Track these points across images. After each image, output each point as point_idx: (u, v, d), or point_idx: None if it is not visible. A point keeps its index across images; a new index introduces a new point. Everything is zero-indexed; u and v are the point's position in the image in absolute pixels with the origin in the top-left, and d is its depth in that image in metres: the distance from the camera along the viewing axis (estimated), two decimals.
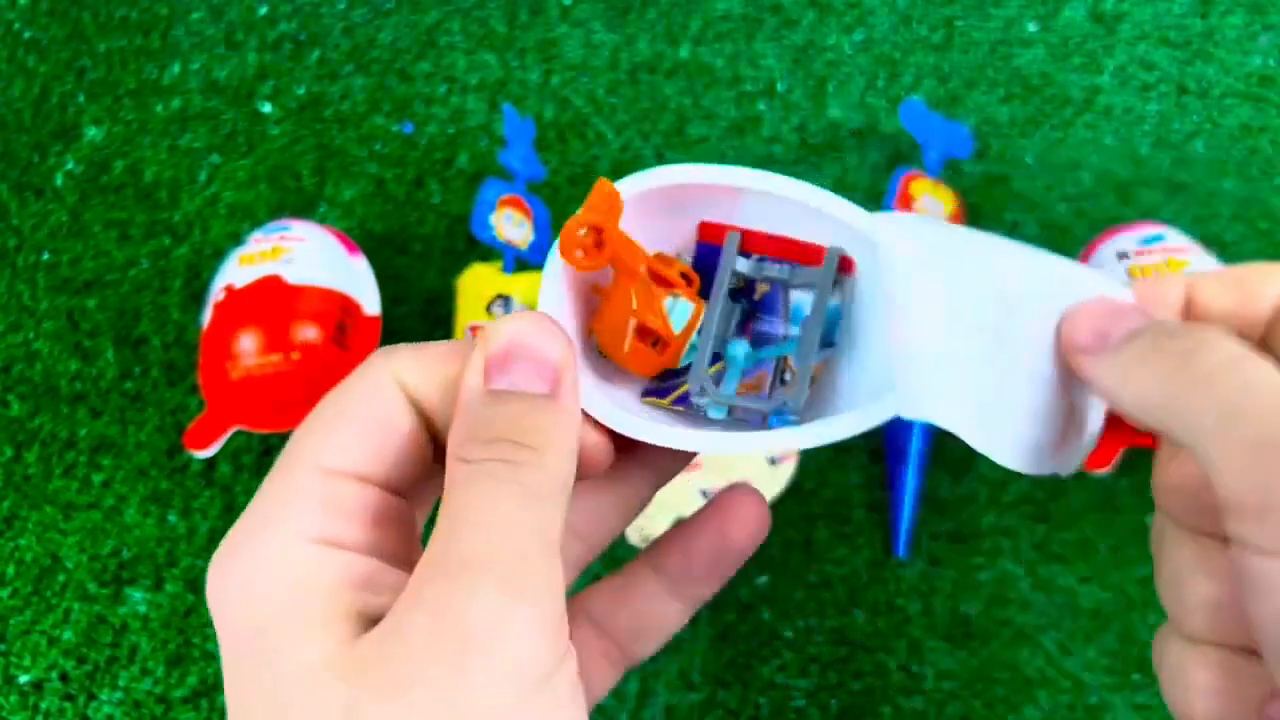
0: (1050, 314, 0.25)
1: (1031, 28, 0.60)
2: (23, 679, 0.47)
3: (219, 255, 0.56)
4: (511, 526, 0.20)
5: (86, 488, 0.51)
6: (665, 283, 0.27)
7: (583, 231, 0.25)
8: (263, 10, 0.64)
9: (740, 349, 0.28)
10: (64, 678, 0.47)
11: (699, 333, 0.28)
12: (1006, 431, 0.26)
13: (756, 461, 0.45)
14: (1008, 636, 0.44)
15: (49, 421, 0.53)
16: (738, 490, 0.29)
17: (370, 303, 0.50)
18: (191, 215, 0.58)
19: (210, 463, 0.51)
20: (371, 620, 0.20)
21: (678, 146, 0.57)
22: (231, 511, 0.50)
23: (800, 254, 0.28)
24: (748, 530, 0.28)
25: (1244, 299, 0.24)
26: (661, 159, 0.57)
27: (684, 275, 0.28)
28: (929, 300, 0.26)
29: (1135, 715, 0.43)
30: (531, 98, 0.60)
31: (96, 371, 0.54)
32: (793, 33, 0.61)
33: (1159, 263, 0.45)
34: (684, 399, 0.28)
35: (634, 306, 0.27)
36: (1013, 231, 0.54)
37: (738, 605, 0.47)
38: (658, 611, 0.28)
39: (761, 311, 0.29)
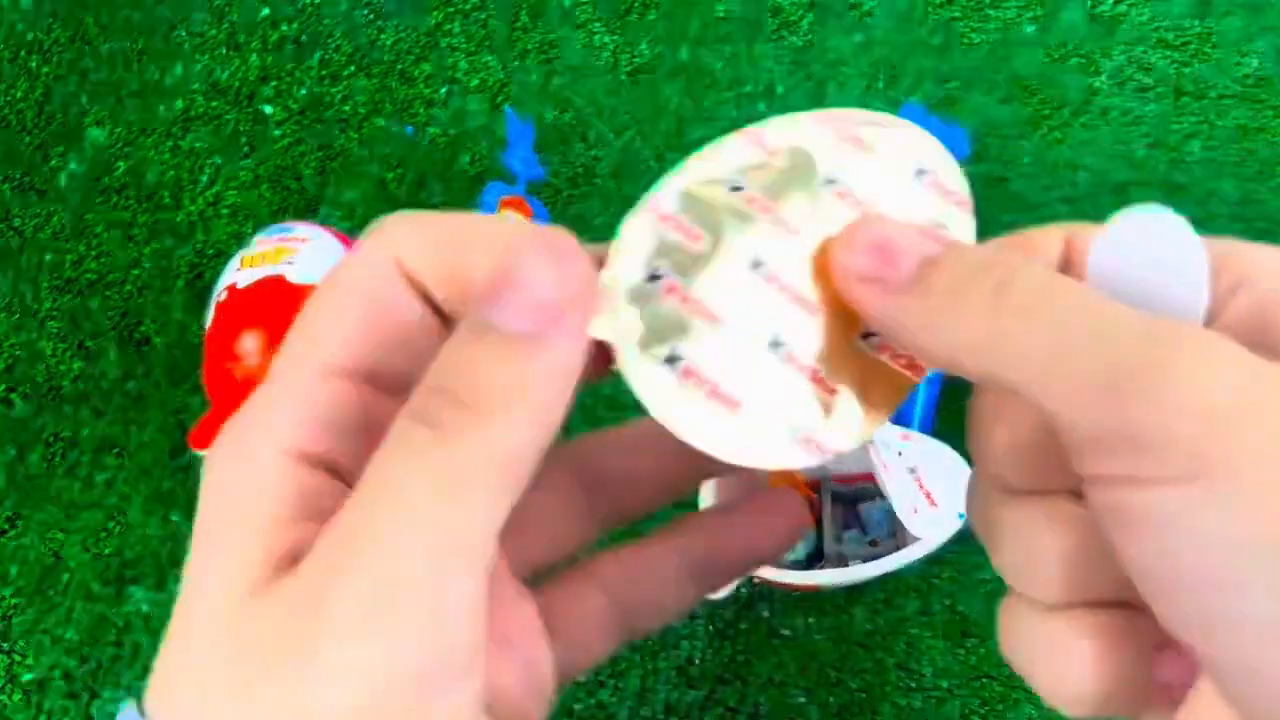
0: None
1: (1029, 30, 0.61)
2: (26, 677, 0.47)
3: (221, 256, 0.56)
4: (398, 543, 0.17)
5: (89, 487, 0.51)
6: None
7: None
8: (265, 12, 0.65)
9: (854, 536, 0.50)
10: (67, 676, 0.47)
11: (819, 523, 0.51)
12: None
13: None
14: None
15: (52, 421, 0.53)
16: (780, 496, 0.28)
17: None
18: (194, 216, 0.58)
19: None
20: (296, 560, 0.18)
21: (678, 148, 0.57)
22: None
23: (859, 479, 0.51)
24: (784, 536, 0.28)
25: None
26: (662, 160, 0.57)
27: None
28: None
29: None
30: (532, 99, 0.61)
31: (99, 372, 0.54)
32: (792, 35, 0.62)
33: None
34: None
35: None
36: (1010, 232, 0.54)
37: (737, 603, 0.47)
38: (672, 592, 0.29)
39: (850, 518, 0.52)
